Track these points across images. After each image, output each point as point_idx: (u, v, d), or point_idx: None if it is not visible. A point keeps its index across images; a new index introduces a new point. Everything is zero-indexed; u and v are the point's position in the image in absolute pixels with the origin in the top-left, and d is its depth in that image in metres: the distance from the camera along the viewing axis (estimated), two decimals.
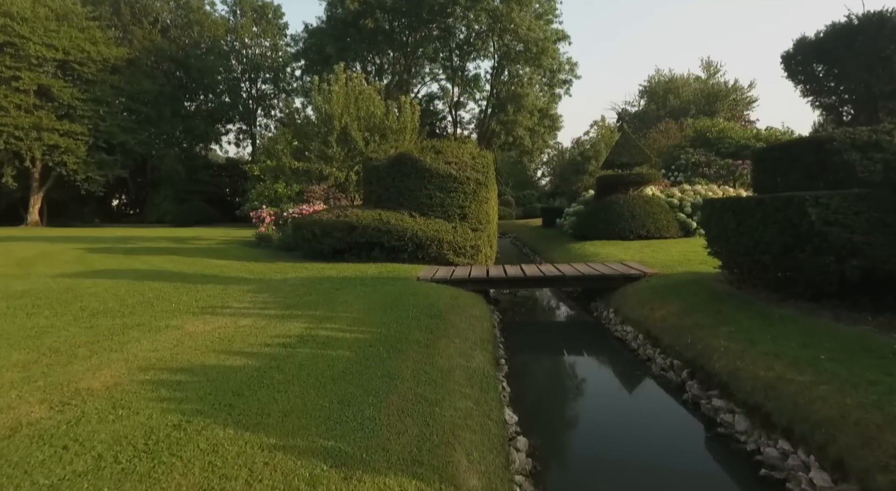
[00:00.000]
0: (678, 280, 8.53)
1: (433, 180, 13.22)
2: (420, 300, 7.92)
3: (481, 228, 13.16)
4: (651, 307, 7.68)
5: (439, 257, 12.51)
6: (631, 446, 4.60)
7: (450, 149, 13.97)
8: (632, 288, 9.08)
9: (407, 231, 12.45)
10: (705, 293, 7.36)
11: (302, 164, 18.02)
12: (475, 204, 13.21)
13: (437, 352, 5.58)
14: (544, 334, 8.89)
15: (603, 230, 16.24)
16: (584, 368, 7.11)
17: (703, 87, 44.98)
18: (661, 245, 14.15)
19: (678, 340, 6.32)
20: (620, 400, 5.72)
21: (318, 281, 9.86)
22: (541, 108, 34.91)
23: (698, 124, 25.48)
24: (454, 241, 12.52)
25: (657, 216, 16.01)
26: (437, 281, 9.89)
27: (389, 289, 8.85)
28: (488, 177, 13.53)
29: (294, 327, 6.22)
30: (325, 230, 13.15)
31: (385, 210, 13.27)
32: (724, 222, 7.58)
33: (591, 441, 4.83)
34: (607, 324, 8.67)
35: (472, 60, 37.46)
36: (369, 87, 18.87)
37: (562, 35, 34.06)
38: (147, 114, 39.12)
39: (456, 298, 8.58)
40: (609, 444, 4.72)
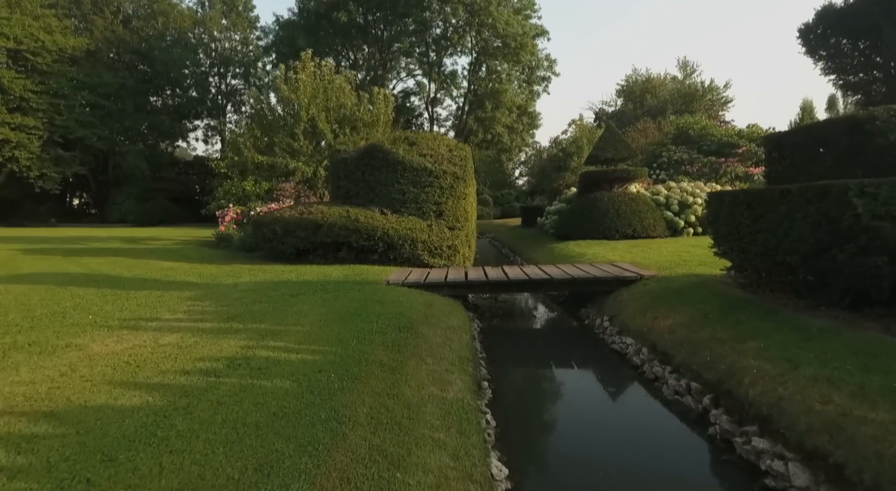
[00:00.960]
0: (681, 284, 7.52)
1: (406, 174, 12.03)
2: (388, 309, 6.74)
3: (459, 227, 12.02)
4: (654, 316, 6.64)
5: (413, 258, 11.33)
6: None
7: (425, 140, 12.80)
8: (628, 293, 8.04)
9: (377, 230, 11.23)
10: (717, 299, 6.35)
11: (266, 158, 16.61)
12: (452, 200, 12.07)
13: (404, 378, 4.41)
14: (530, 346, 7.79)
15: (587, 229, 15.27)
16: (580, 391, 6.01)
17: (679, 87, 44.76)
18: (650, 245, 13.22)
19: (694, 356, 5.27)
20: (632, 436, 4.63)
21: (274, 286, 8.58)
22: (519, 105, 33.95)
23: (680, 121, 24.85)
24: (429, 241, 11.35)
25: (644, 215, 15.12)
26: (409, 285, 8.71)
27: (354, 295, 7.64)
28: (466, 171, 12.41)
29: (228, 346, 4.97)
30: (287, 229, 11.83)
31: (354, 207, 12.03)
32: (737, 218, 6.59)
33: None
34: (601, 334, 7.61)
35: (449, 56, 36.35)
36: (339, 77, 17.56)
37: (540, 30, 33.19)
38: (108, 108, 36.90)
39: (430, 306, 7.42)
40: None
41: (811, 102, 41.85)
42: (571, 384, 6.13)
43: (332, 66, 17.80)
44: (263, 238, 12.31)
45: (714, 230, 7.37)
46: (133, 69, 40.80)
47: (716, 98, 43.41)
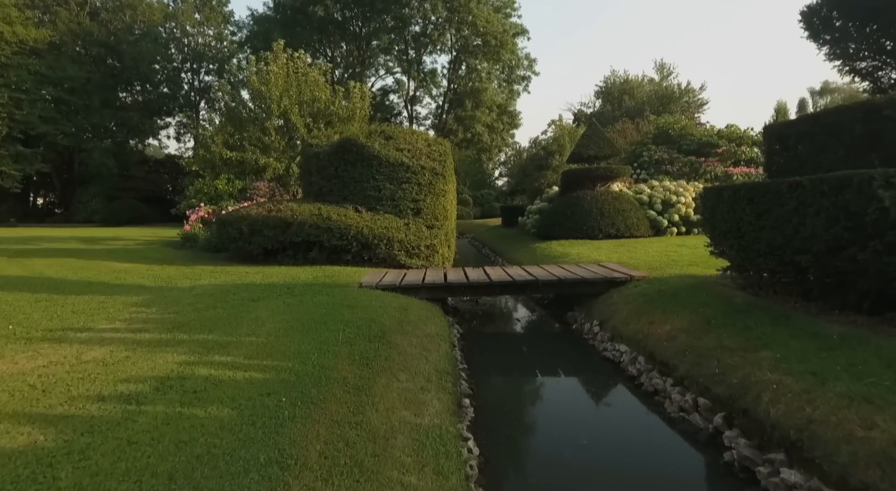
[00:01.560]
0: (676, 285, 6.95)
1: (382, 170, 11.30)
2: (359, 315, 6.01)
3: (438, 225, 11.33)
4: (650, 320, 6.04)
5: (389, 259, 10.59)
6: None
7: (402, 134, 12.09)
8: (618, 295, 7.45)
9: (350, 228, 10.47)
10: (718, 303, 5.78)
11: (235, 154, 15.67)
12: (431, 197, 11.38)
13: (372, 400, 3.70)
14: (515, 354, 7.13)
15: (569, 229, 14.74)
16: (572, 407, 5.36)
17: (656, 88, 44.85)
18: (635, 244, 12.73)
19: (699, 368, 4.67)
20: (637, 464, 3.99)
21: (234, 289, 7.77)
22: (499, 104, 33.41)
23: (660, 121, 24.58)
24: (406, 240, 10.63)
25: (627, 214, 14.64)
26: (383, 288, 7.98)
27: (322, 299, 6.88)
28: (445, 167, 11.73)
29: (164, 363, 4.19)
30: (253, 228, 10.99)
31: (326, 204, 11.25)
32: (737, 214, 6.04)
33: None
34: (591, 340, 7.00)
35: (429, 54, 35.65)
36: (313, 70, 16.71)
37: (520, 29, 32.72)
38: (73, 103, 35.26)
39: (406, 311, 6.71)
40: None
41: (785, 105, 42.34)
42: (562, 399, 5.48)
43: (307, 58, 16.93)
44: (228, 238, 11.44)
45: (711, 228, 6.82)
46: (100, 63, 39.10)
47: (692, 100, 43.60)
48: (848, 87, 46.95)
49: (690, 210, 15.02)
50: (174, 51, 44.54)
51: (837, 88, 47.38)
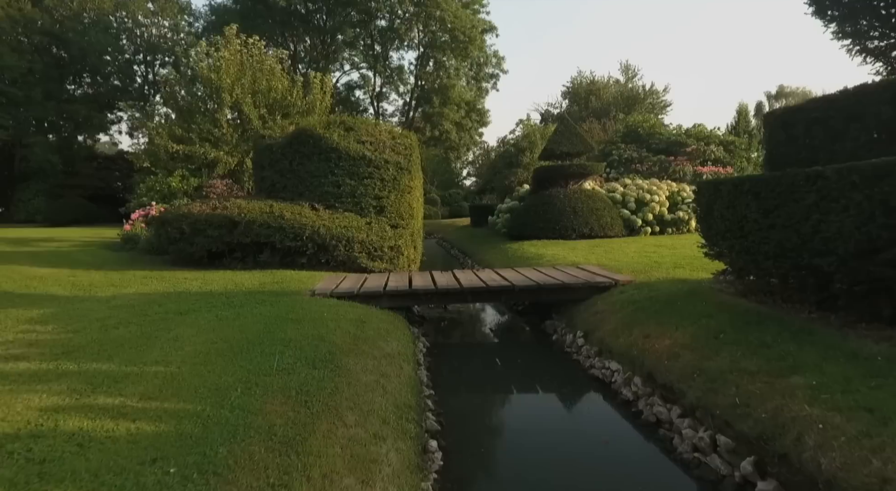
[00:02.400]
0: (668, 292, 6.16)
1: (342, 163, 10.22)
2: (305, 331, 4.97)
3: (403, 225, 10.33)
4: (644, 333, 5.21)
5: (349, 262, 9.53)
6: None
7: (364, 126, 11.03)
8: (603, 302, 6.62)
9: (305, 228, 9.36)
10: (722, 313, 4.99)
11: (182, 147, 14.26)
12: (395, 194, 10.37)
13: (304, 462, 2.69)
14: (489, 371, 6.20)
15: (542, 228, 13.96)
16: (561, 441, 4.44)
17: (622, 89, 44.88)
18: (611, 245, 12.03)
19: (714, 396, 3.83)
20: None
21: (162, 300, 6.58)
22: (468, 102, 32.56)
23: (629, 119, 24.21)
24: (368, 241, 9.58)
25: (601, 213, 13.96)
26: (339, 296, 6.94)
27: (264, 312, 5.80)
28: (411, 161, 10.73)
29: (26, 408, 3.07)
30: (195, 227, 9.74)
31: (280, 201, 10.10)
32: (739, 212, 5.28)
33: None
34: (575, 354, 6.14)
35: (396, 50, 34.49)
36: (270, 57, 15.41)
37: (489, 26, 31.93)
38: (12, 95, 32.56)
39: (363, 324, 5.69)
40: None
41: (746, 106, 43.00)
42: (548, 432, 4.56)
43: (262, 44, 15.62)
44: (168, 239, 10.14)
45: (706, 227, 6.06)
46: (44, 53, 36.33)
47: (656, 101, 43.80)
48: (801, 90, 48.26)
49: (664, 209, 14.48)
50: (126, 42, 41.92)
51: (792, 92, 48.62)
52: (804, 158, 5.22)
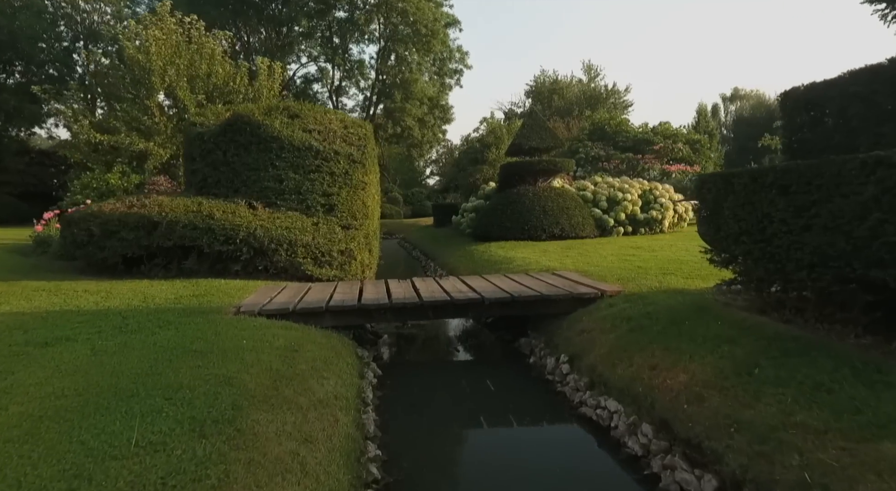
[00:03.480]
0: (667, 306, 5.10)
1: (285, 155, 8.82)
2: (207, 371, 3.64)
3: (356, 225, 9.00)
4: (650, 363, 4.11)
5: (291, 268, 8.15)
6: None
7: (312, 113, 9.64)
8: (589, 317, 5.52)
9: (239, 229, 7.93)
10: (745, 336, 3.94)
11: (107, 137, 12.46)
12: (347, 191, 9.03)
13: None
14: (455, 407, 4.99)
15: (509, 229, 12.88)
16: None
17: (585, 89, 44.64)
18: (584, 247, 11.04)
19: (768, 464, 2.74)
20: None
21: (33, 323, 5.08)
22: (431, 97, 31.31)
23: (596, 116, 23.53)
24: (314, 244, 8.22)
25: (572, 212, 13.00)
26: (270, 313, 5.59)
27: (160, 340, 4.41)
28: (366, 154, 9.42)
29: None
30: (107, 229, 8.15)
31: (213, 198, 8.62)
32: (760, 210, 4.26)
33: None
34: (560, 384, 5.00)
35: (356, 43, 32.89)
36: (210, 40, 13.73)
37: (452, 20, 30.76)
38: None
39: (293, 355, 4.39)
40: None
41: (706, 107, 43.50)
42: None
43: (202, 25, 13.91)
44: (74, 242, 8.49)
45: (712, 229, 5.03)
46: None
47: (618, 101, 43.74)
48: (755, 92, 49.29)
49: (637, 208, 13.65)
50: (64, 28, 38.71)
51: (746, 95, 49.59)
52: (838, 144, 4.25)
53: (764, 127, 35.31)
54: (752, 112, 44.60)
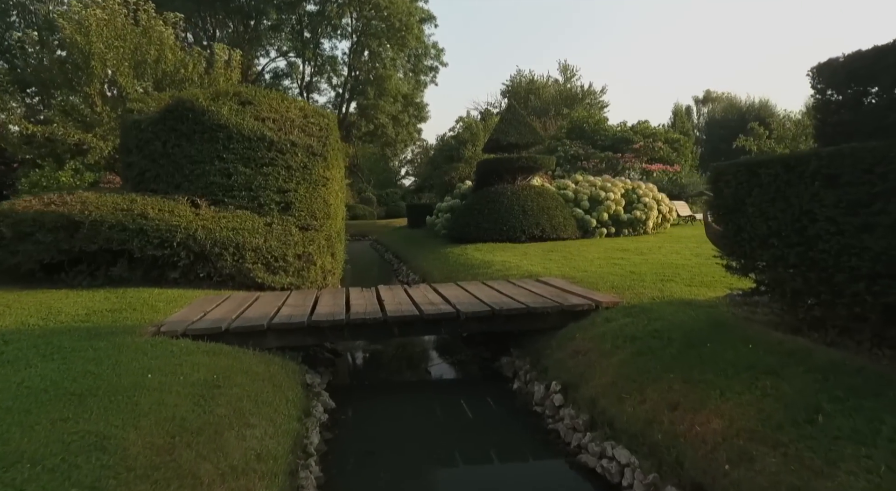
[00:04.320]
0: (677, 322, 4.25)
1: (233, 146, 7.73)
2: (76, 426, 2.61)
3: (316, 226, 7.97)
4: (669, 400, 3.23)
5: (239, 275, 7.07)
6: None
7: (266, 100, 8.55)
8: (584, 335, 4.63)
9: (177, 231, 6.82)
10: (788, 365, 3.10)
11: (39, 128, 11.12)
12: (306, 187, 7.99)
13: None
14: (424, 452, 4.03)
15: (487, 230, 11.99)
16: None
17: (561, 89, 44.21)
18: (567, 249, 10.23)
19: None
20: None
21: None
22: (405, 95, 30.26)
23: (574, 115, 22.89)
24: (266, 248, 7.16)
25: (553, 212, 12.19)
26: (199, 334, 4.54)
27: (32, 377, 3.35)
28: (328, 147, 8.39)
29: None
30: (20, 230, 6.94)
31: (152, 194, 7.48)
32: (796, 206, 3.45)
33: None
34: (552, 420, 4.09)
35: (329, 38, 31.59)
36: (159, 23, 12.46)
37: (427, 15, 29.80)
38: None
39: (213, 393, 3.37)
40: None
41: (682, 107, 43.57)
42: None
43: (152, 7, 12.61)
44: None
45: (732, 229, 4.19)
46: None
47: (594, 102, 43.45)
48: (726, 95, 49.73)
49: (620, 208, 12.93)
50: (17, 18, 36.33)
51: (718, 97, 49.96)
52: (892, 125, 3.44)
53: (736, 129, 35.36)
54: (724, 114, 44.75)
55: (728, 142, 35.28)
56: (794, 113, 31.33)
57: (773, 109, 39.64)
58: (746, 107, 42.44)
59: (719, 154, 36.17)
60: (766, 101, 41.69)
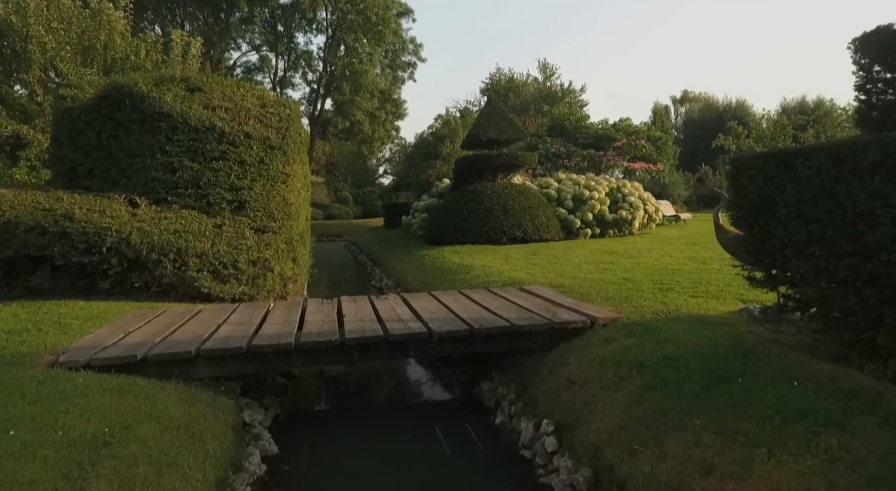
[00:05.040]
0: (692, 346, 3.51)
1: (178, 137, 6.78)
2: None
3: (274, 228, 7.06)
4: (701, 460, 2.47)
5: (182, 285, 6.14)
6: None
7: (219, 86, 7.61)
8: (579, 359, 3.87)
9: (107, 234, 5.86)
10: (855, 411, 2.40)
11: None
12: (263, 184, 7.08)
13: None
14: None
15: (466, 231, 11.22)
16: None
17: (540, 88, 43.74)
18: (552, 252, 9.51)
19: None
20: None
21: None
22: (382, 90, 29.26)
23: (555, 112, 22.28)
24: (214, 253, 6.24)
25: (535, 212, 11.49)
26: (106, 365, 3.63)
27: None
28: (288, 140, 7.49)
29: None
30: None
31: (84, 192, 6.49)
32: (845, 208, 2.75)
33: None
34: (543, 470, 3.31)
35: (304, 33, 30.38)
36: (108, 6, 11.33)
37: (405, 9, 28.87)
38: None
39: (97, 455, 2.50)
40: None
41: (662, 106, 43.52)
42: None
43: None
44: None
45: (758, 234, 3.48)
46: None
47: (573, 100, 43.08)
48: (703, 95, 49.96)
49: (605, 208, 12.28)
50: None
51: (695, 97, 50.15)
52: None
53: (714, 129, 35.33)
54: (701, 114, 44.88)
55: (706, 141, 35.22)
56: (771, 112, 31.47)
57: (750, 109, 39.87)
58: (724, 107, 42.58)
59: (697, 154, 36.12)
60: (743, 102, 41.94)
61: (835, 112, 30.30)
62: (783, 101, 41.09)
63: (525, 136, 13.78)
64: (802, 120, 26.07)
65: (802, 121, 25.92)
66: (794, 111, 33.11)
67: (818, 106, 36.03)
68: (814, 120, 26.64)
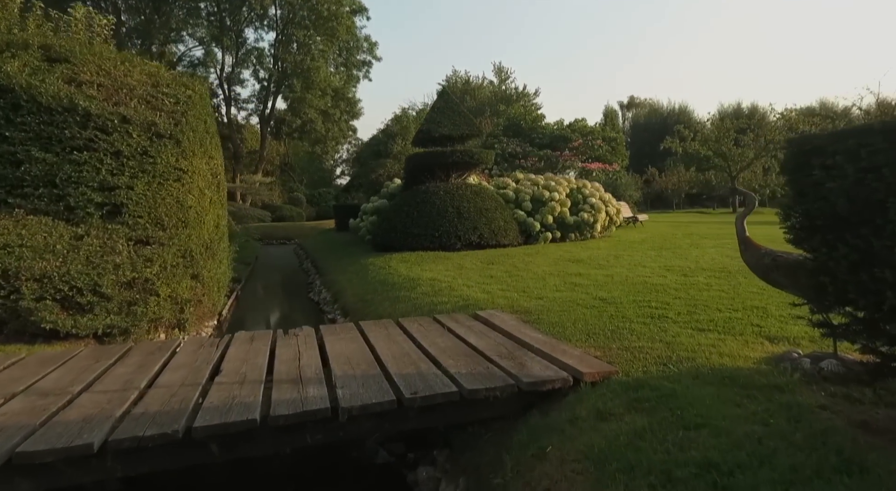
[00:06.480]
0: (751, 439, 2.12)
1: (23, 120, 4.92)
2: None
3: (162, 239, 5.28)
4: None
5: (15, 320, 4.31)
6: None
7: (93, 58, 5.74)
8: (563, 452, 2.40)
9: None
10: None
11: None
12: (147, 182, 5.29)
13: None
14: None
15: (416, 236, 9.69)
16: None
17: (496, 90, 42.67)
18: (511, 260, 8.09)
19: None
20: None
21: None
22: (336, 89, 27.28)
23: (511, 112, 21.03)
24: (61, 275, 4.43)
25: (492, 214, 10.07)
26: None
27: None
28: (185, 126, 5.70)
29: None
30: None
31: None
32: None
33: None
34: None
35: (252, 26, 27.96)
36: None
37: (359, 6, 26.96)
38: None
39: None
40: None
41: (613, 109, 43.30)
42: None
43: None
44: None
45: (844, 258, 2.08)
46: None
47: (528, 103, 42.26)
48: (649, 101, 50.30)
49: (566, 209, 11.01)
50: None
51: (641, 103, 50.45)
52: None
53: (659, 132, 35.17)
54: (648, 119, 45.04)
55: (652, 145, 35.10)
56: (715, 116, 31.47)
57: (692, 115, 40.15)
58: (668, 112, 42.81)
59: (644, 157, 35.98)
60: (686, 107, 42.26)
61: (773, 116, 30.51)
62: (720, 107, 41.73)
63: (481, 133, 12.36)
64: (743, 123, 25.95)
65: (743, 124, 25.78)
66: (731, 116, 33.43)
67: (752, 112, 36.66)
68: (755, 124, 26.59)
